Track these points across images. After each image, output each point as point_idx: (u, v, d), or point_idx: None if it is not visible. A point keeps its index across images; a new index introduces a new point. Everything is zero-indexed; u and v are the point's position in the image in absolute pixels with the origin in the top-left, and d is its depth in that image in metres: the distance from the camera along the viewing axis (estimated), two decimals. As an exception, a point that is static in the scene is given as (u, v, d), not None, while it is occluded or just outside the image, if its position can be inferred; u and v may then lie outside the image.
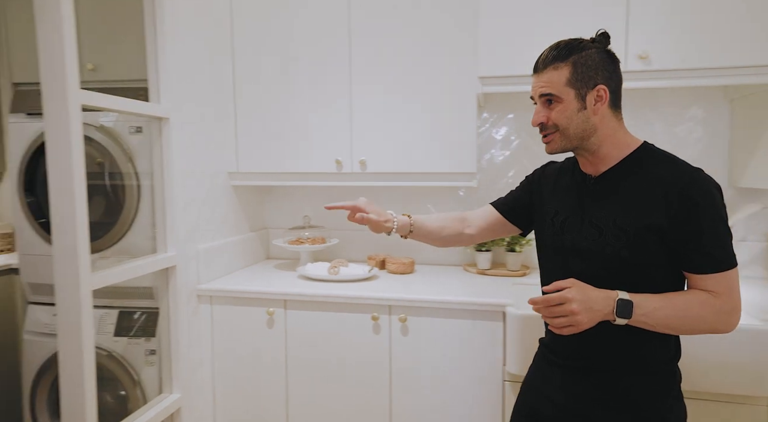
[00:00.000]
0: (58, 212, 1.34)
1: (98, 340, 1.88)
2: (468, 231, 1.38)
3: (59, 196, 1.34)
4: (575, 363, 1.12)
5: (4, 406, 2.39)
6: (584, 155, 1.12)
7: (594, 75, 1.05)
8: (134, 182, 1.86)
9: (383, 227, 1.34)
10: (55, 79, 1.30)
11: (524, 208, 1.33)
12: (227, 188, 2.19)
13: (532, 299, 1.00)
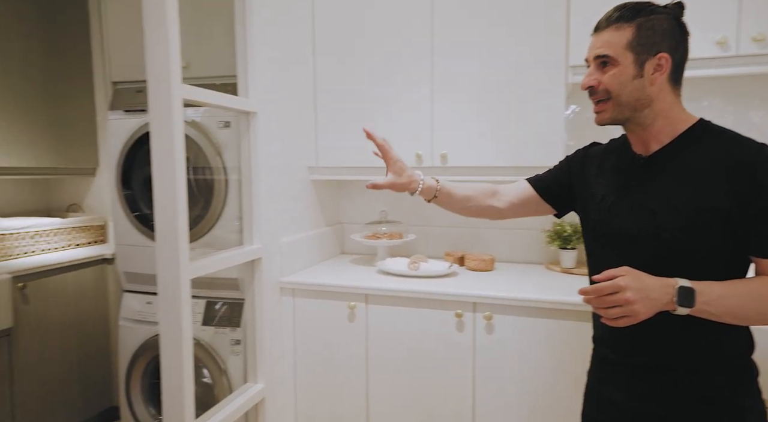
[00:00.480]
0: (161, 203, 1.38)
1: (187, 329, 1.95)
2: (496, 205, 1.31)
3: (162, 188, 1.38)
4: (634, 360, 1.03)
5: (98, 388, 2.54)
6: (635, 130, 1.03)
7: (659, 41, 0.96)
8: (222, 176, 1.91)
9: (407, 187, 1.29)
10: (160, 74, 1.34)
11: (562, 188, 1.24)
12: (306, 182, 2.22)
13: (582, 289, 0.92)
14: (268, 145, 1.87)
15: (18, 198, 2.74)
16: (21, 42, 2.40)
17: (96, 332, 2.52)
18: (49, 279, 2.27)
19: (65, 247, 2.56)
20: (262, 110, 1.81)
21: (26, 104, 2.44)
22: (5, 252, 2.28)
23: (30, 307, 2.18)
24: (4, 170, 2.35)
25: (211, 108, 1.90)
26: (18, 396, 2.13)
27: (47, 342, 2.26)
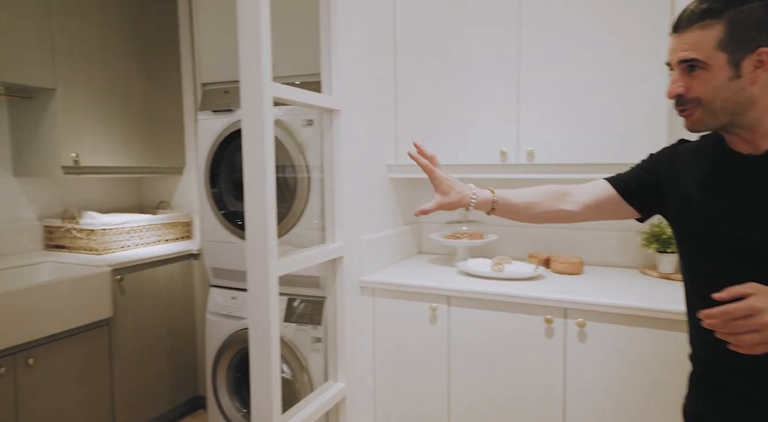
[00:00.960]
0: (252, 202, 1.40)
1: (269, 324, 1.98)
2: (567, 208, 1.17)
3: (253, 186, 1.40)
4: (747, 387, 0.89)
5: (186, 377, 2.66)
6: (738, 132, 0.90)
7: (756, 35, 0.83)
8: (305, 174, 1.92)
9: (459, 204, 1.19)
10: (251, 73, 1.36)
11: (647, 188, 1.09)
12: (385, 180, 2.19)
13: (706, 312, 0.78)
14: (349, 143, 1.86)
15: (115, 195, 2.93)
16: (120, 49, 2.55)
17: (183, 324, 2.64)
18: (142, 273, 2.40)
19: (156, 242, 2.70)
20: (345, 108, 1.81)
21: (124, 107, 2.59)
22: (106, 246, 2.43)
23: (126, 298, 2.32)
24: (104, 169, 2.51)
25: (294, 106, 1.92)
26: (117, 381, 2.26)
27: (141, 331, 2.39)
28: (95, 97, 2.44)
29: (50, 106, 2.31)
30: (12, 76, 2.12)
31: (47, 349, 1.98)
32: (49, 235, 2.54)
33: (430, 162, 1.22)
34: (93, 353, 2.16)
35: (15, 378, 1.87)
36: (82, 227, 2.43)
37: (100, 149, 2.48)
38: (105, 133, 2.50)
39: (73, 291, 2.04)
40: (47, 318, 1.95)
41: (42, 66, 2.22)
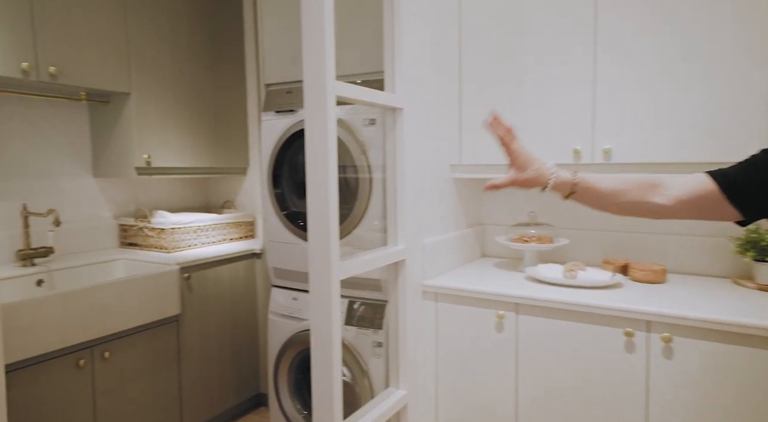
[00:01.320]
0: (314, 202, 1.37)
1: (330, 327, 1.96)
2: (659, 201, 1.01)
3: (315, 186, 1.37)
4: None
5: (249, 375, 2.70)
6: None
7: None
8: (367, 175, 1.88)
9: (536, 182, 1.06)
10: (315, 71, 1.33)
11: (757, 188, 0.93)
12: (449, 181, 2.12)
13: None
14: (412, 142, 1.80)
15: (184, 195, 3.03)
16: (189, 53, 2.63)
17: (246, 322, 2.68)
18: (208, 271, 2.45)
19: (221, 241, 2.76)
20: (408, 106, 1.75)
21: (192, 109, 2.67)
22: (175, 245, 2.51)
23: (193, 296, 2.38)
24: (173, 170, 2.59)
25: (356, 106, 1.88)
26: (184, 376, 2.33)
27: (206, 328, 2.45)
28: (165, 100, 2.53)
29: (125, 110, 2.41)
30: (93, 81, 2.22)
31: (121, 343, 2.06)
32: (123, 233, 2.66)
33: (507, 133, 1.10)
34: (162, 348, 2.23)
35: (93, 370, 1.96)
36: (153, 226, 2.52)
37: (170, 150, 2.56)
38: (174, 134, 2.58)
39: (145, 288, 2.11)
40: (121, 314, 2.02)
41: (118, 71, 2.32)
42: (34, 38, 2.01)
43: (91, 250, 2.55)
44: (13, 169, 2.26)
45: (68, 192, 2.47)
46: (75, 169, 2.50)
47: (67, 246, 2.45)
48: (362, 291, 1.94)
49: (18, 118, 2.27)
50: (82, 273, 2.26)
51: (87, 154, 2.55)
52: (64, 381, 1.87)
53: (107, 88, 2.28)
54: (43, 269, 2.14)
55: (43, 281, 2.13)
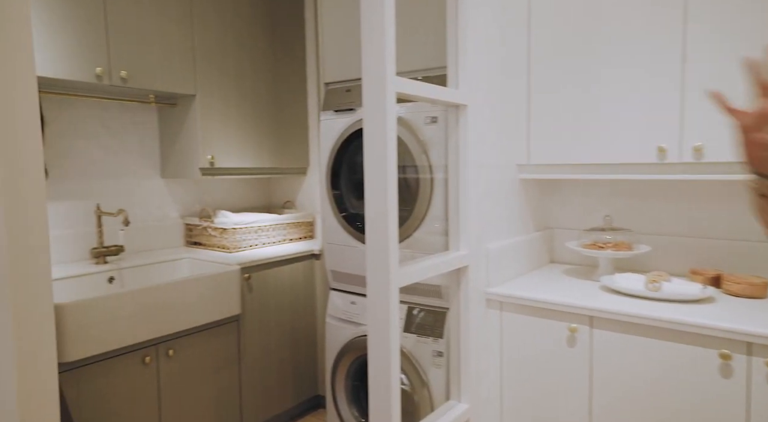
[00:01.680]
0: (372, 204, 1.31)
1: (388, 333, 1.89)
2: None
3: (373, 187, 1.30)
4: None
5: (307, 377, 2.69)
6: None
7: None
8: (428, 175, 1.79)
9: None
10: (375, 67, 1.26)
11: None
12: (515, 182, 1.99)
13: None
14: (476, 141, 1.69)
15: (246, 195, 3.07)
16: (252, 54, 2.65)
17: (305, 323, 2.67)
18: (268, 272, 2.46)
19: (281, 242, 2.77)
20: (473, 102, 1.65)
21: (254, 110, 2.69)
22: (236, 245, 2.53)
23: (253, 296, 2.39)
24: (236, 170, 2.62)
25: (416, 103, 1.80)
26: (244, 376, 2.34)
27: (266, 329, 2.45)
28: (229, 101, 2.56)
29: (190, 112, 2.46)
30: (160, 84, 2.28)
31: (184, 342, 2.09)
32: (189, 232, 2.73)
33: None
34: (223, 348, 2.25)
35: (158, 367, 2.00)
36: (216, 225, 2.56)
37: (233, 151, 2.59)
38: (237, 135, 2.61)
39: (208, 287, 2.14)
40: (185, 313, 2.06)
41: (184, 74, 2.37)
42: (108, 44, 2.09)
43: (159, 249, 2.63)
44: (88, 170, 2.36)
45: (138, 192, 2.56)
46: (145, 170, 2.58)
47: (137, 244, 2.54)
48: (422, 297, 1.86)
49: (94, 121, 2.37)
50: (150, 272, 2.33)
51: (156, 155, 2.63)
52: (131, 377, 1.92)
53: (174, 90, 2.34)
54: (114, 267, 2.21)
55: (114, 278, 2.21)
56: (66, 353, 1.70)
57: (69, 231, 2.29)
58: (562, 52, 1.84)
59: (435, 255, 1.62)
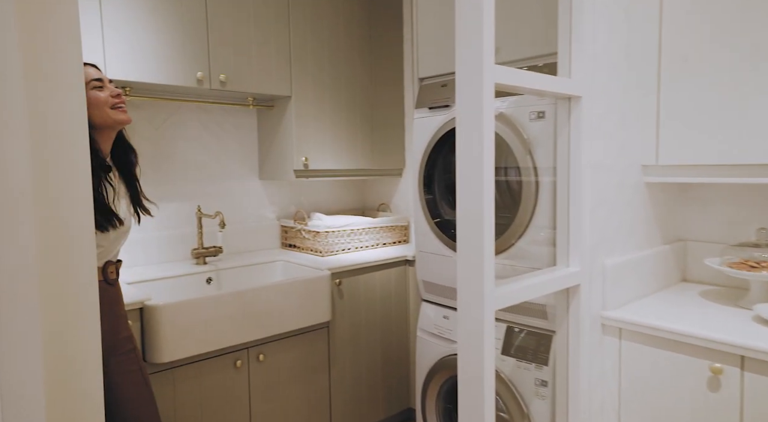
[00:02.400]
0: (465, 212, 1.13)
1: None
2: None
3: (466, 192, 1.13)
4: None
5: (398, 388, 2.57)
6: None
7: None
8: (532, 178, 1.57)
9: None
10: (469, 53, 1.09)
11: None
12: (639, 186, 1.69)
13: None
14: (592, 139, 1.44)
15: (340, 197, 3.02)
16: (347, 53, 2.59)
17: (397, 332, 2.55)
18: (359, 277, 2.37)
19: (374, 246, 2.67)
20: (588, 94, 1.40)
21: (349, 110, 2.62)
22: (328, 248, 2.48)
23: (344, 303, 2.31)
24: (329, 172, 2.57)
25: (519, 97, 1.59)
26: (334, 384, 2.28)
27: (357, 337, 2.37)
28: (323, 101, 2.52)
29: (286, 113, 2.45)
30: (257, 86, 2.28)
31: (275, 347, 2.07)
32: (284, 234, 2.73)
33: None
34: (313, 354, 2.20)
35: (249, 372, 1.99)
36: (309, 228, 2.52)
37: (327, 152, 2.54)
38: (331, 136, 2.56)
39: (298, 292, 2.09)
40: (276, 317, 2.02)
41: (280, 75, 2.36)
42: (208, 49, 2.12)
43: (256, 250, 2.66)
44: (192, 172, 2.44)
45: (237, 194, 2.60)
46: (244, 172, 2.62)
47: (236, 245, 2.58)
48: (524, 316, 1.64)
49: (197, 125, 2.45)
50: (245, 273, 2.35)
51: (254, 157, 2.66)
52: (223, 380, 1.92)
53: (270, 92, 2.33)
54: (212, 268, 2.26)
55: (212, 279, 2.25)
56: (160, 354, 1.73)
57: (174, 231, 2.38)
58: (706, 27, 1.52)
59: (540, 271, 1.40)
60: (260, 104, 2.54)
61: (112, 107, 1.33)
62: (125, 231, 1.45)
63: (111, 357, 1.41)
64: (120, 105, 1.35)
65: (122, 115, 1.36)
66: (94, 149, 1.33)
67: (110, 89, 1.36)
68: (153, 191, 2.32)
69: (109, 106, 1.33)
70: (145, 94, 2.19)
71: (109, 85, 1.36)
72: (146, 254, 2.30)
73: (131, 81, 1.96)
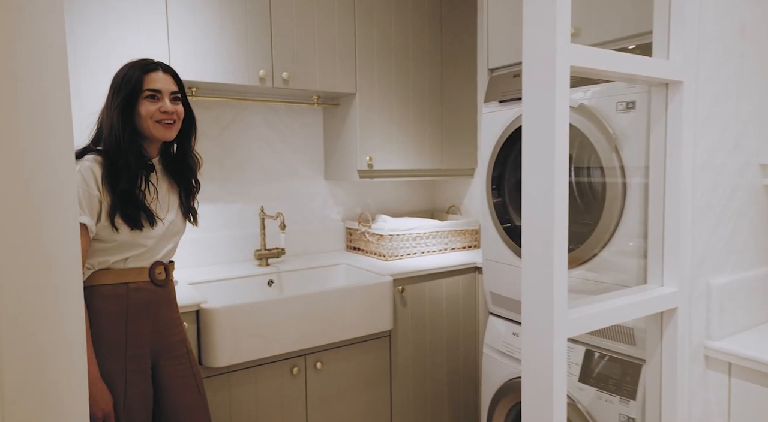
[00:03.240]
0: (532, 223, 0.96)
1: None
2: None
3: (534, 200, 0.95)
4: None
5: (466, 406, 2.39)
6: None
7: None
8: (619, 179, 1.34)
9: None
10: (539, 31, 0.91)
11: None
12: (756, 189, 1.40)
13: None
14: (696, 133, 1.20)
15: (409, 198, 2.89)
16: (415, 49, 2.45)
17: (465, 346, 2.37)
18: (424, 284, 2.22)
19: (441, 251, 2.51)
20: (691, 78, 1.16)
21: (416, 107, 2.49)
22: (392, 252, 2.36)
23: (407, 311, 2.18)
24: (395, 172, 2.45)
25: (606, 85, 1.37)
26: (395, 398, 2.15)
27: (421, 349, 2.22)
28: (390, 98, 2.40)
29: (350, 111, 2.36)
30: (322, 84, 2.21)
31: (333, 355, 1.98)
32: (349, 237, 2.65)
33: None
34: (373, 365, 2.09)
35: (306, 380, 1.92)
36: (373, 231, 2.42)
37: (393, 151, 2.42)
38: (397, 134, 2.43)
39: (359, 299, 1.98)
40: (335, 324, 1.93)
41: (345, 72, 2.27)
42: (271, 47, 2.08)
43: (321, 252, 2.60)
44: (257, 173, 2.42)
45: (303, 194, 2.56)
46: (309, 172, 2.57)
47: (300, 247, 2.53)
48: (606, 340, 1.41)
49: (263, 125, 2.42)
50: (307, 276, 2.29)
51: (320, 157, 2.60)
52: (279, 387, 1.86)
53: (334, 89, 2.25)
54: (274, 270, 2.21)
55: (273, 281, 2.21)
56: (215, 358, 1.69)
57: (240, 231, 2.37)
58: None
59: (626, 291, 1.18)
60: (326, 102, 2.48)
61: (158, 121, 1.31)
62: (173, 232, 1.42)
63: (161, 360, 1.39)
64: (166, 121, 1.32)
65: (162, 131, 1.33)
66: (139, 151, 1.32)
67: (163, 103, 1.32)
68: (218, 191, 2.33)
69: (154, 120, 1.31)
70: (212, 94, 2.20)
71: (166, 98, 1.33)
72: (212, 254, 2.31)
73: (193, 80, 1.95)
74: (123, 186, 1.25)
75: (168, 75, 1.35)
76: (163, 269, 1.38)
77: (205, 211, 2.29)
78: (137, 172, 1.30)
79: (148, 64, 1.32)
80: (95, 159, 1.26)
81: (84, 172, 1.23)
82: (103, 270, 1.28)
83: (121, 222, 1.26)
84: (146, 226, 1.30)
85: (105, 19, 1.78)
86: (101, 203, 1.24)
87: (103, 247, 1.27)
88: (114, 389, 1.27)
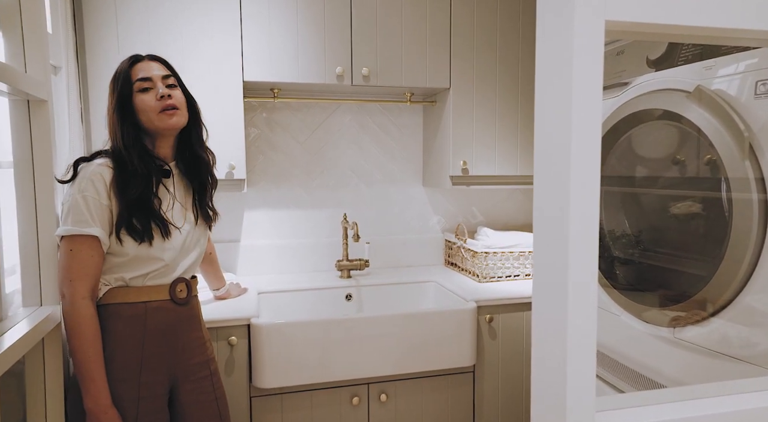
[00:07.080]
0: (542, 261, 0.62)
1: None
2: None
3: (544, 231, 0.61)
4: None
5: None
6: None
7: None
8: (754, 194, 0.87)
9: None
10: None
11: None
12: None
13: None
14: None
15: (519, 208, 2.49)
16: (516, 43, 2.08)
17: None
18: (519, 314, 1.85)
19: (552, 275, 2.08)
20: None
21: (522, 103, 2.11)
22: (487, 273, 2.02)
23: (495, 345, 1.83)
24: (494, 179, 2.11)
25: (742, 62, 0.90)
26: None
27: (511, 391, 1.86)
28: (490, 94, 2.06)
29: (445, 109, 2.09)
30: (411, 79, 1.98)
31: (401, 387, 1.75)
32: (448, 250, 2.37)
33: None
34: (448, 405, 1.80)
35: (368, 412, 1.73)
36: (468, 247, 2.11)
37: (491, 155, 2.08)
38: (497, 135, 2.08)
39: (434, 326, 1.71)
40: (406, 353, 1.70)
41: (436, 65, 2.00)
42: (351, 43, 1.92)
43: (417, 266, 2.37)
44: (347, 178, 2.28)
45: (398, 202, 2.35)
46: (406, 177, 2.36)
47: (393, 258, 2.33)
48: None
49: (355, 126, 2.27)
50: (388, 293, 2.08)
51: (418, 160, 2.37)
52: (337, 416, 1.70)
53: (423, 85, 2.00)
54: (355, 283, 2.06)
55: (352, 296, 2.06)
56: (262, 379, 1.59)
57: (327, 240, 2.26)
58: None
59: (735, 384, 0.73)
60: (422, 100, 2.24)
61: (161, 111, 1.21)
62: (193, 242, 1.30)
63: (180, 383, 1.28)
64: (168, 107, 1.22)
65: (168, 119, 1.21)
66: (149, 153, 1.23)
67: (156, 90, 1.21)
68: (307, 197, 2.25)
69: (156, 111, 1.20)
70: (295, 95, 2.12)
71: (159, 83, 1.22)
72: (295, 262, 2.24)
73: (267, 81, 1.88)
74: (132, 192, 1.16)
75: (156, 62, 1.26)
76: (185, 286, 1.29)
77: (291, 216, 2.24)
78: (148, 175, 1.20)
79: (134, 57, 1.24)
80: (105, 162, 1.18)
81: (93, 177, 1.14)
82: (121, 288, 1.19)
83: (126, 234, 1.16)
84: (158, 238, 1.21)
85: (179, 22, 1.77)
86: (112, 212, 1.16)
87: (119, 262, 1.18)
88: (125, 418, 1.16)
